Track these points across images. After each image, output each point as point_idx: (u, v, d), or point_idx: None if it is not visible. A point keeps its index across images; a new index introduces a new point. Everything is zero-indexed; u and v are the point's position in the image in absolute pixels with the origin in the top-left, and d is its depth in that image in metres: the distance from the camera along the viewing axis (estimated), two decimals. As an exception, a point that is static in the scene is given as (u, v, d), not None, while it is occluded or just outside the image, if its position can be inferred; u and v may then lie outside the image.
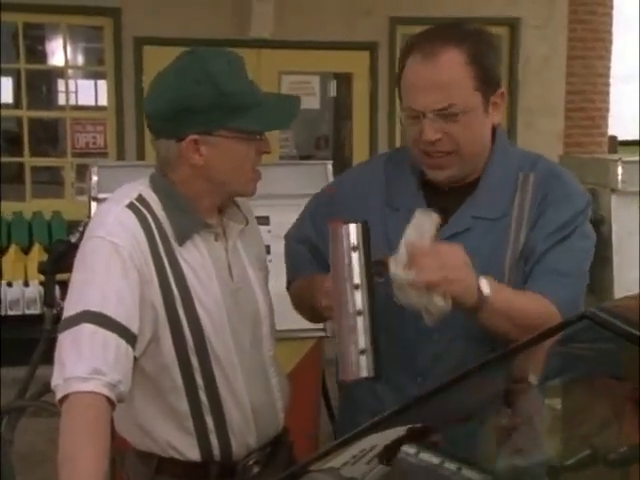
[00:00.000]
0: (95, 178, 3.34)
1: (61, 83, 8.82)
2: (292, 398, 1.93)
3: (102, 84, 8.13)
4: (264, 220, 2.96)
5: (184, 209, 1.71)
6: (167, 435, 1.72)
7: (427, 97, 1.70)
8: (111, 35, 7.01)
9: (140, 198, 1.70)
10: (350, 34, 7.32)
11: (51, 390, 1.51)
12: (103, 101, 7.83)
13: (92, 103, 11.38)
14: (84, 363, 1.47)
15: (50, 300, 3.52)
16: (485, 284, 1.61)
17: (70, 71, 7.80)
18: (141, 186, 1.73)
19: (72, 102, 7.84)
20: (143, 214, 1.68)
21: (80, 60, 10.81)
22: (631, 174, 3.56)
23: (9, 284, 6.24)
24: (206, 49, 1.70)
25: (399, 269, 1.55)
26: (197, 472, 1.74)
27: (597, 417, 1.52)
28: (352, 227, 1.59)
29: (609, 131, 7.54)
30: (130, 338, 1.56)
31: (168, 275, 1.66)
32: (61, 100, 9.34)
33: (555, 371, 1.67)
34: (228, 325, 1.72)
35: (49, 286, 3.56)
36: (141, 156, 6.88)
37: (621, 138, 11.97)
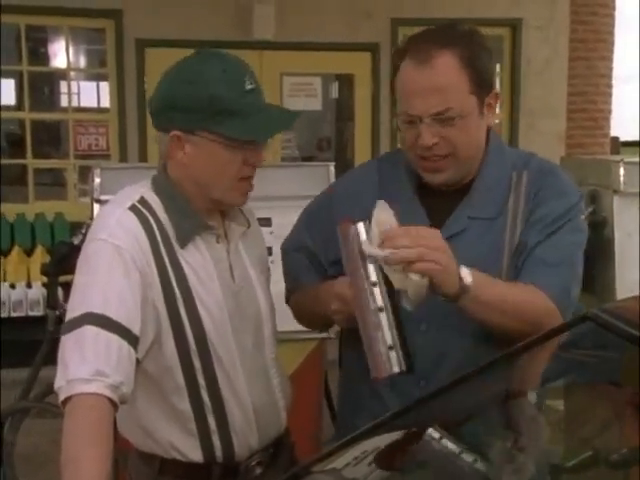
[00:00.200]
0: (98, 180, 3.34)
1: (63, 85, 8.81)
2: (294, 399, 1.93)
3: (104, 86, 8.13)
4: (266, 221, 2.97)
5: (185, 211, 1.71)
6: (169, 436, 1.73)
7: (423, 102, 1.70)
8: (113, 37, 7.02)
9: (142, 200, 1.70)
10: (352, 35, 7.33)
11: (54, 391, 1.51)
12: (105, 103, 7.85)
13: (94, 105, 11.37)
14: (87, 365, 1.48)
15: (53, 302, 3.53)
16: (467, 273, 1.60)
17: (72, 73, 7.82)
18: (143, 188, 1.74)
19: (74, 104, 7.84)
20: (145, 216, 1.68)
21: (82, 62, 10.83)
22: (633, 175, 3.56)
23: (12, 286, 6.25)
24: (212, 51, 1.70)
25: (373, 247, 1.55)
26: (199, 473, 1.75)
27: (599, 418, 1.52)
28: (360, 225, 1.60)
29: (611, 132, 7.53)
30: (132, 340, 1.56)
31: (170, 276, 1.67)
32: (63, 102, 9.33)
33: (557, 372, 1.67)
34: (230, 326, 1.73)
35: (52, 288, 3.57)
36: (143, 158, 6.90)
37: (623, 139, 11.94)
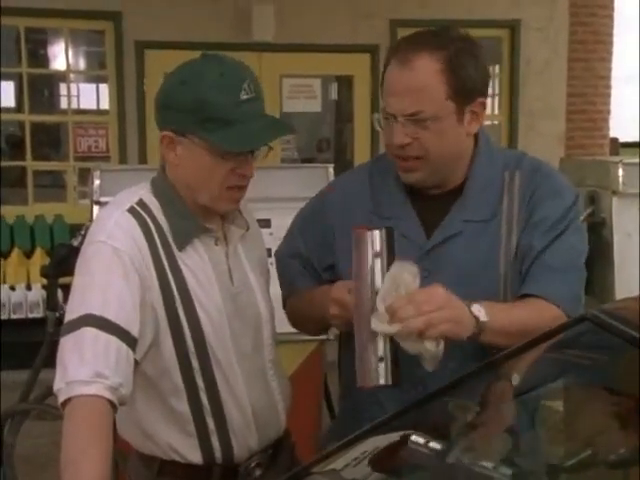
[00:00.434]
0: (97, 182, 3.35)
1: (63, 87, 8.81)
2: (294, 400, 1.93)
3: (104, 88, 8.13)
4: (265, 223, 2.97)
5: (184, 214, 1.71)
6: (169, 438, 1.73)
7: (399, 102, 1.71)
8: (112, 39, 7.02)
9: (141, 202, 1.71)
10: (351, 37, 7.33)
11: (54, 393, 1.51)
12: (105, 105, 7.84)
13: (94, 107, 11.37)
14: (86, 367, 1.48)
15: (52, 303, 3.53)
16: (478, 310, 1.59)
17: (72, 75, 7.82)
18: (142, 190, 1.74)
19: (74, 106, 7.85)
20: (144, 218, 1.68)
21: (82, 64, 10.83)
22: (632, 176, 3.56)
23: (12, 288, 6.26)
24: (215, 55, 1.69)
25: (382, 325, 1.53)
26: (199, 474, 1.75)
27: (598, 419, 1.52)
28: (376, 233, 1.59)
29: (610, 133, 7.54)
30: (131, 341, 1.56)
31: (169, 279, 1.67)
32: (63, 104, 9.34)
33: (556, 373, 1.67)
34: (228, 329, 1.73)
35: (51, 290, 3.57)
36: (143, 160, 6.90)
37: (623, 140, 11.95)
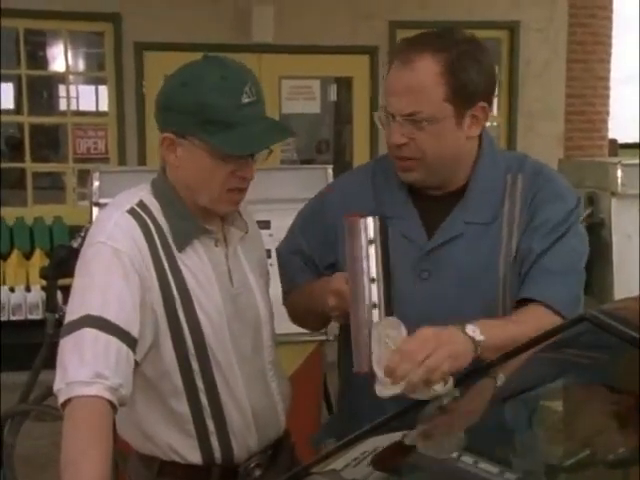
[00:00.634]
0: (97, 183, 3.35)
1: (62, 89, 8.83)
2: (293, 401, 1.93)
3: (103, 89, 8.13)
4: (265, 224, 2.97)
5: (184, 215, 1.71)
6: (169, 438, 1.73)
7: (397, 101, 1.71)
8: (112, 40, 7.02)
9: (141, 204, 1.71)
10: (350, 38, 7.33)
11: (54, 394, 1.51)
12: (104, 106, 7.84)
13: (93, 108, 11.40)
14: (86, 367, 1.48)
15: (52, 305, 3.53)
16: (473, 330, 1.56)
17: (71, 77, 7.81)
18: (142, 191, 1.74)
19: (73, 107, 7.84)
20: (144, 219, 1.68)
21: (81, 66, 10.84)
22: (631, 177, 3.56)
23: (11, 289, 6.26)
24: (216, 57, 1.69)
25: (387, 389, 1.52)
26: (199, 475, 1.75)
27: (597, 418, 1.52)
28: (369, 220, 1.60)
29: (609, 134, 7.54)
30: (131, 342, 1.56)
31: (169, 280, 1.67)
32: (62, 106, 9.36)
33: (555, 373, 1.68)
34: (228, 330, 1.73)
35: (51, 291, 3.57)
36: (142, 161, 6.89)
37: (622, 141, 11.97)
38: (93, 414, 1.45)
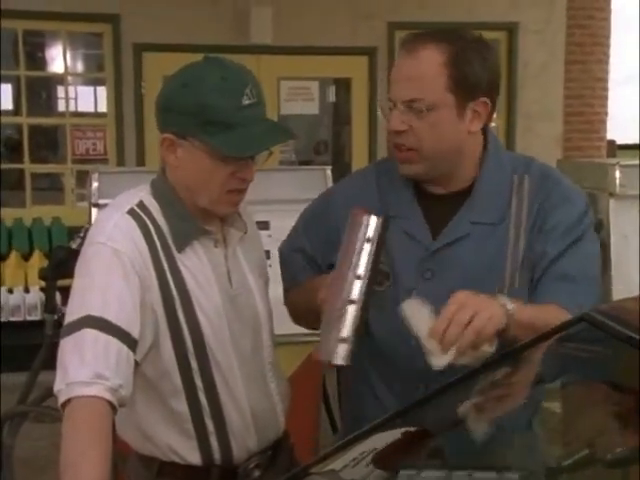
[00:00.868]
0: (95, 184, 3.35)
1: (61, 90, 8.82)
2: (292, 402, 1.93)
3: (102, 90, 8.14)
4: (264, 225, 2.98)
5: (183, 215, 1.71)
6: (168, 439, 1.73)
7: (399, 88, 1.72)
8: (110, 41, 7.03)
9: (140, 204, 1.71)
10: (349, 39, 7.34)
11: (53, 395, 1.51)
12: (103, 107, 7.85)
13: (92, 109, 11.38)
14: (86, 368, 1.48)
15: (51, 306, 3.53)
16: (504, 300, 1.57)
17: (70, 77, 7.80)
18: (142, 192, 1.74)
19: (72, 108, 7.83)
20: (143, 220, 1.69)
21: (80, 67, 10.82)
22: (629, 178, 3.57)
23: (10, 290, 6.26)
24: (217, 58, 1.69)
25: (439, 359, 1.51)
26: (198, 475, 1.75)
27: (596, 420, 1.52)
28: (373, 219, 1.60)
29: (609, 135, 7.54)
30: (131, 343, 1.56)
31: (168, 280, 1.67)
32: (61, 107, 9.35)
33: (554, 374, 1.68)
34: (227, 330, 1.73)
35: (50, 292, 3.57)
36: (141, 162, 6.91)
37: (621, 142, 11.95)
38: (93, 414, 1.45)
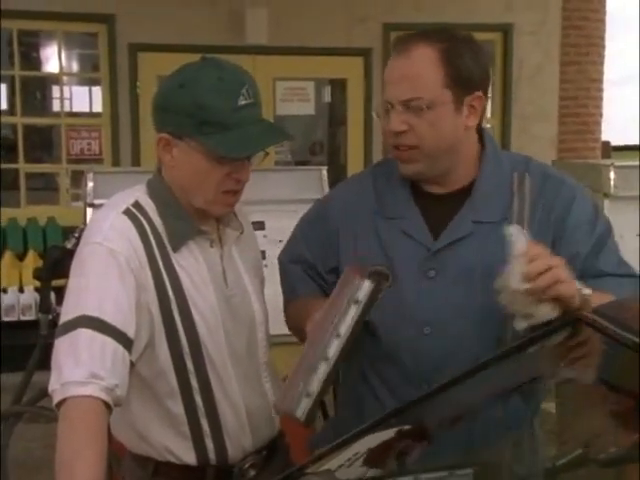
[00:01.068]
0: (91, 184, 3.35)
1: (56, 89, 8.80)
2: (288, 402, 1.93)
3: (97, 90, 8.14)
4: (259, 225, 2.98)
5: (179, 215, 1.71)
6: (163, 439, 1.73)
7: (395, 89, 1.72)
8: (105, 41, 7.02)
9: (136, 204, 1.71)
10: (344, 40, 7.35)
11: (47, 395, 1.51)
12: (98, 107, 7.84)
13: (87, 109, 11.37)
14: (81, 368, 1.48)
15: (46, 306, 3.53)
16: (580, 284, 1.55)
17: (65, 77, 7.81)
18: (138, 192, 1.74)
19: (67, 108, 7.84)
20: (139, 220, 1.68)
21: (75, 67, 10.81)
22: (624, 179, 3.58)
23: (4, 290, 6.25)
24: (214, 59, 1.69)
25: (513, 280, 1.51)
26: (194, 475, 1.75)
27: (592, 420, 1.52)
28: (366, 283, 1.57)
29: (603, 136, 7.56)
30: (127, 343, 1.56)
31: (164, 280, 1.67)
32: (56, 107, 9.33)
33: (550, 374, 1.68)
34: (223, 330, 1.73)
35: (45, 292, 3.56)
36: (136, 162, 6.90)
37: (621, 143, 11.94)
38: (88, 414, 1.45)
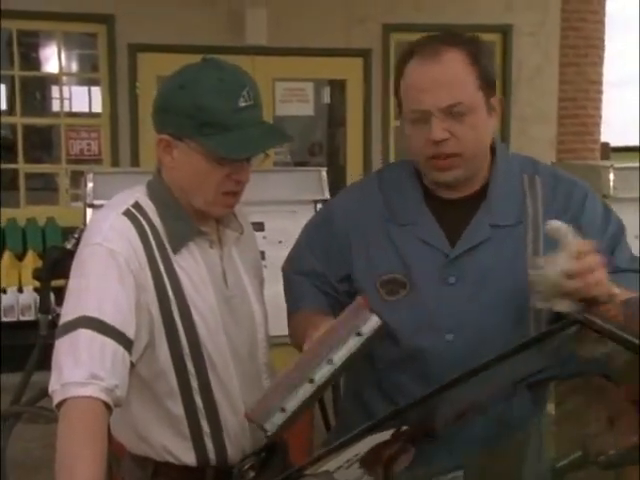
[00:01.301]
0: (90, 185, 3.35)
1: (55, 90, 8.78)
2: (287, 403, 1.93)
3: (96, 91, 8.12)
4: (259, 226, 2.98)
5: (179, 216, 1.71)
6: (163, 440, 1.73)
7: (433, 96, 1.67)
8: (105, 42, 7.02)
9: (136, 205, 1.71)
10: (344, 41, 7.36)
11: (47, 396, 1.51)
12: (97, 108, 7.83)
13: (86, 110, 11.35)
14: (82, 368, 1.48)
15: (45, 306, 3.53)
16: (609, 282, 1.54)
17: (64, 78, 7.81)
18: (138, 193, 1.74)
19: (66, 109, 7.83)
20: (139, 221, 1.69)
21: (74, 67, 10.79)
22: (623, 180, 3.58)
23: (3, 291, 6.25)
24: (215, 60, 1.69)
25: (553, 272, 1.49)
26: (193, 476, 1.75)
27: (591, 421, 1.53)
28: (374, 318, 1.55)
29: (602, 138, 7.56)
30: (127, 343, 1.56)
31: (164, 281, 1.67)
32: (55, 107, 9.31)
33: (549, 375, 1.68)
34: (223, 331, 1.73)
35: (44, 292, 3.57)
36: (135, 162, 6.91)
37: (621, 144, 11.91)
38: (88, 415, 1.45)
